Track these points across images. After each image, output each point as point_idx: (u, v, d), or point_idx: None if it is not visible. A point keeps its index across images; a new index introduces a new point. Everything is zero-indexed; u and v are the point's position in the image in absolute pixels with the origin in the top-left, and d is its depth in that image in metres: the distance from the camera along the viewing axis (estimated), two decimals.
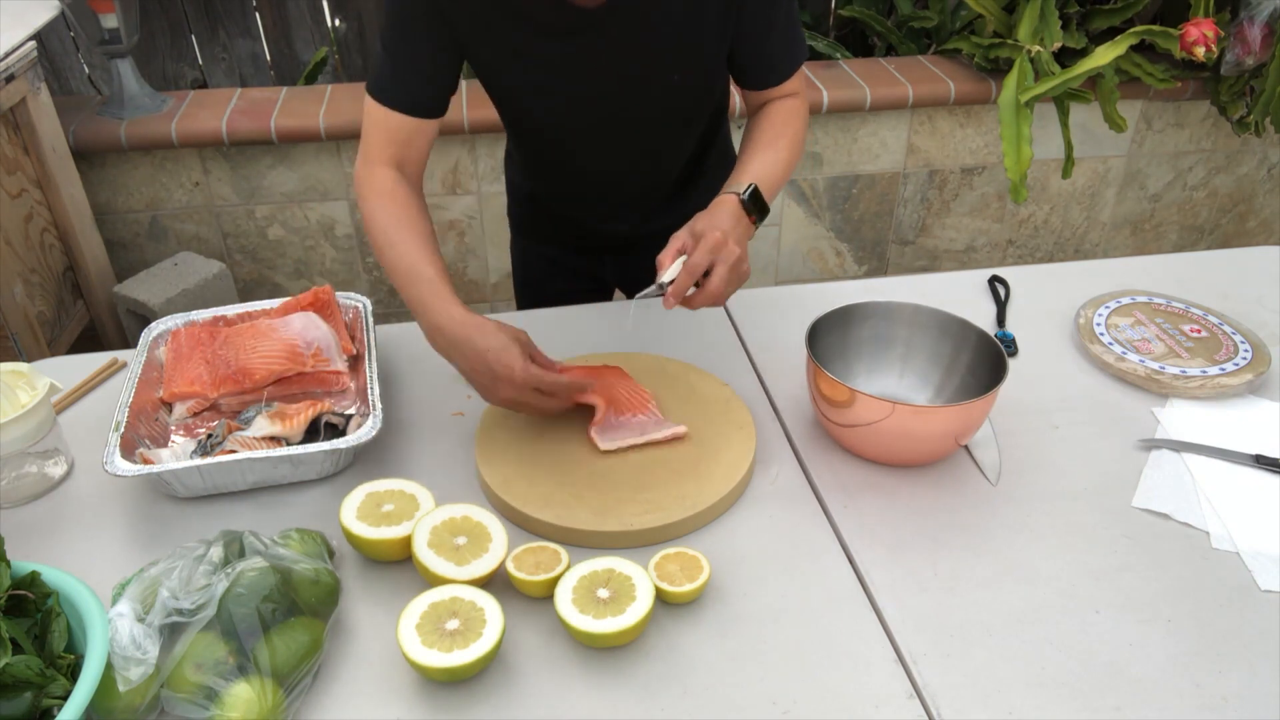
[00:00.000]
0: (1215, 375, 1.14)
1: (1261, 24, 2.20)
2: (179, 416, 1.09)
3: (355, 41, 2.62)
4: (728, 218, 1.03)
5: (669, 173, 1.30)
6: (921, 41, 2.65)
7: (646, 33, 1.07)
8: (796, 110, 1.17)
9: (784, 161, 1.13)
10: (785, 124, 1.15)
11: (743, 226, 1.05)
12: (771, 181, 1.10)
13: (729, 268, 0.99)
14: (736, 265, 1.00)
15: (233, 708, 0.72)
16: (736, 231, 1.03)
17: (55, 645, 0.73)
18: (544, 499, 0.96)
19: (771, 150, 1.13)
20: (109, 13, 2.12)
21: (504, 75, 1.13)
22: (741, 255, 1.01)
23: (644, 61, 1.10)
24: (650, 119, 1.19)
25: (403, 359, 1.22)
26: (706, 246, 0.99)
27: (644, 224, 1.35)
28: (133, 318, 2.16)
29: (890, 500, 0.99)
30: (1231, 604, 0.88)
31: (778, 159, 1.12)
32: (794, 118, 1.17)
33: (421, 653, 0.77)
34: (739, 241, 1.01)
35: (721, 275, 0.99)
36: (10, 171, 1.86)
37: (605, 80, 1.12)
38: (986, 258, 2.78)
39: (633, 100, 1.15)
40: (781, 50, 1.14)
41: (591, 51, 1.08)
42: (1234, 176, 2.75)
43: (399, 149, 1.10)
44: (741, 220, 1.05)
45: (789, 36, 1.14)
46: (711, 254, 0.99)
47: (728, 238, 0.99)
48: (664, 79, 1.13)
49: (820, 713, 0.78)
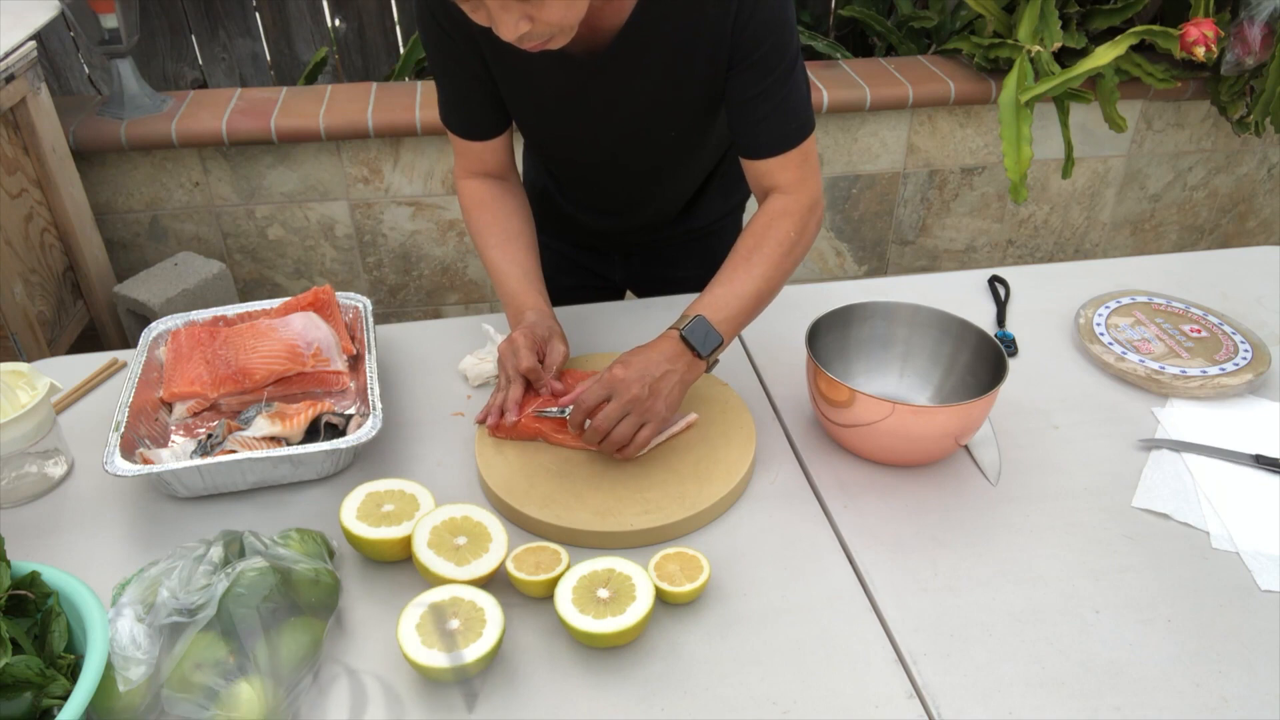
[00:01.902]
0: (1215, 375, 1.14)
1: (1261, 24, 2.20)
2: (179, 416, 1.09)
3: (355, 41, 2.62)
4: (656, 358, 0.98)
5: (676, 200, 1.31)
6: (921, 41, 2.65)
7: (640, 86, 1.07)
8: (785, 212, 1.06)
9: (757, 278, 1.03)
10: (766, 231, 1.05)
11: (681, 364, 0.99)
12: (734, 307, 1.02)
13: (620, 404, 0.95)
14: (633, 403, 0.96)
15: (233, 708, 0.72)
16: (662, 370, 0.98)
17: (55, 645, 0.73)
18: (544, 499, 0.96)
19: (744, 268, 1.04)
20: (109, 13, 2.12)
21: (513, 105, 1.15)
22: (639, 395, 0.96)
23: (640, 112, 1.10)
24: (652, 164, 1.21)
25: (403, 359, 1.22)
26: (603, 383, 0.97)
27: (655, 232, 1.35)
28: (133, 318, 2.16)
29: (890, 500, 0.99)
30: (1231, 604, 0.88)
31: (749, 276, 1.03)
32: (779, 223, 1.05)
33: (421, 653, 0.77)
34: (656, 381, 0.97)
35: (608, 412, 0.96)
36: (10, 171, 1.86)
37: (606, 125, 1.12)
38: (986, 258, 2.78)
39: (635, 146, 1.16)
40: (771, 123, 1.05)
41: (590, 99, 1.09)
42: (1234, 176, 2.75)
43: (476, 163, 1.19)
44: (680, 357, 0.99)
45: (781, 111, 1.04)
46: (606, 389, 0.97)
47: (631, 379, 0.96)
48: (662, 131, 1.13)
49: (820, 713, 0.78)
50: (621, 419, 0.96)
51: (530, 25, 0.86)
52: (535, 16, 0.85)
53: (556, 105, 1.11)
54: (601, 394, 0.97)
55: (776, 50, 1.01)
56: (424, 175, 2.35)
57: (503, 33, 0.86)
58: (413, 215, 2.41)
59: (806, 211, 1.08)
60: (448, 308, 2.58)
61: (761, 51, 1.01)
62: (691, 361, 1.00)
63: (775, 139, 1.06)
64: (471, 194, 1.19)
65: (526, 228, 1.19)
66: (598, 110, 1.10)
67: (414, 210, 2.40)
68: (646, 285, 1.44)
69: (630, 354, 1.00)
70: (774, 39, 1.01)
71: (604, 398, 0.97)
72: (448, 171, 2.36)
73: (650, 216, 1.32)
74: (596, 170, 1.23)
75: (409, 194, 2.38)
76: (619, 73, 1.05)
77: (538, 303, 1.12)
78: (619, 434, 0.96)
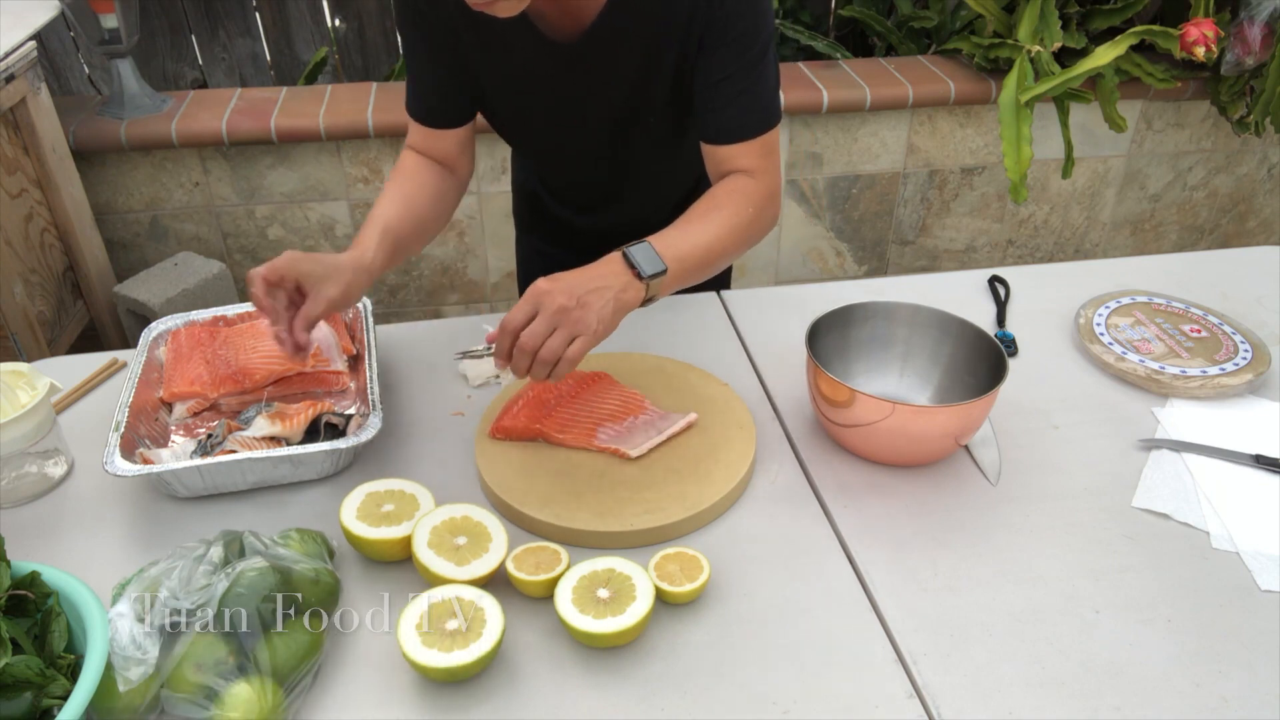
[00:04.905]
0: (1215, 375, 1.14)
1: (1261, 24, 2.20)
2: (179, 416, 1.09)
3: (355, 41, 2.62)
4: (589, 273, 0.92)
5: (662, 199, 1.31)
6: (921, 41, 2.65)
7: (619, 71, 1.06)
8: (745, 190, 1.04)
9: (711, 234, 1.01)
10: (726, 197, 1.04)
11: (617, 281, 0.92)
12: (683, 248, 0.98)
13: (546, 317, 0.87)
14: (559, 315, 0.88)
15: (233, 708, 0.72)
16: (594, 285, 0.91)
17: (55, 645, 0.73)
18: (544, 499, 0.96)
19: (699, 222, 1.02)
20: (109, 13, 2.12)
21: (489, 98, 1.15)
22: (565, 304, 0.88)
23: (620, 99, 1.10)
24: (633, 155, 1.20)
25: (403, 359, 1.22)
26: (527, 298, 0.89)
27: (644, 233, 1.35)
28: (133, 318, 2.16)
29: (890, 500, 0.99)
30: (1231, 604, 0.88)
31: (704, 230, 1.01)
32: (738, 196, 1.03)
33: (421, 653, 0.77)
34: (586, 294, 0.90)
35: (533, 328, 0.87)
36: (10, 171, 1.86)
37: (586, 112, 1.12)
38: (986, 258, 2.78)
39: (615, 134, 1.16)
40: (733, 109, 1.03)
41: (570, 86, 1.09)
42: (1234, 176, 2.75)
43: (424, 145, 1.17)
44: (618, 275, 0.93)
45: (749, 97, 1.03)
46: (531, 305, 0.88)
47: (557, 290, 0.89)
48: (642, 118, 1.12)
49: (820, 713, 0.78)
50: (550, 334, 0.88)
51: None
52: None
53: (536, 93, 1.11)
54: (527, 311, 0.88)
55: (750, 33, 1.00)
56: None
57: None
58: None
59: (765, 199, 1.06)
60: (448, 308, 2.58)
61: (736, 32, 1.00)
62: (630, 281, 0.93)
63: (739, 125, 1.04)
64: (408, 161, 1.15)
65: (429, 210, 1.12)
66: (578, 97, 1.09)
67: None
68: None
69: (562, 272, 0.92)
70: (748, 21, 1.00)
71: (530, 315, 0.88)
72: None
73: (635, 213, 1.31)
74: (579, 162, 1.22)
75: None
76: (598, 58, 1.04)
77: (366, 248, 1.01)
78: (548, 349, 0.87)
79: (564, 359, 0.89)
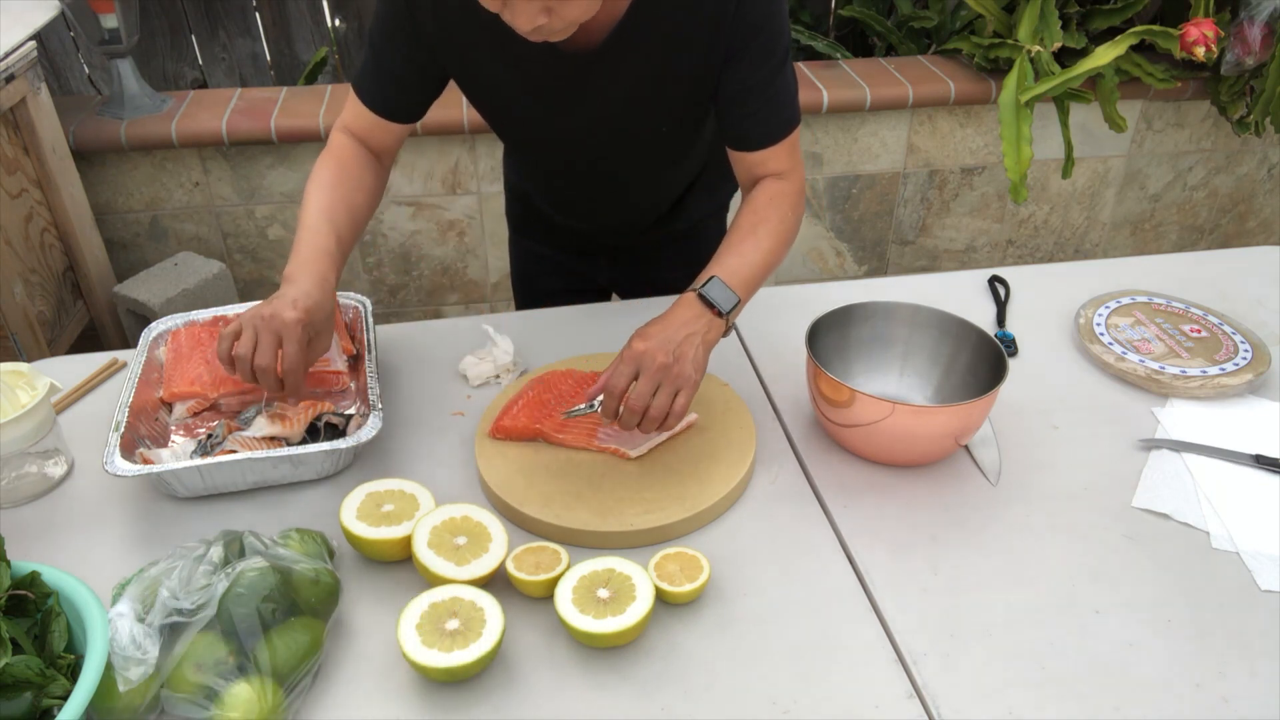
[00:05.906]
0: (1215, 375, 1.14)
1: (1261, 24, 2.20)
2: (179, 416, 1.09)
3: (355, 41, 2.62)
4: (675, 323, 0.96)
5: (660, 202, 1.31)
6: (921, 41, 2.65)
7: (630, 82, 1.06)
8: (783, 194, 1.08)
9: (764, 250, 1.04)
10: (768, 208, 1.06)
11: (701, 324, 0.97)
12: (746, 273, 1.02)
13: (649, 378, 0.92)
14: (660, 373, 0.93)
15: (233, 708, 0.72)
16: (683, 334, 0.95)
17: (55, 645, 0.73)
18: (544, 499, 0.96)
19: (750, 239, 1.04)
20: (109, 13, 2.12)
21: (494, 105, 1.15)
22: (665, 363, 0.93)
23: (628, 109, 1.10)
24: (637, 164, 1.20)
25: (403, 359, 1.22)
26: (626, 360, 0.94)
27: (638, 234, 1.35)
28: (133, 318, 2.16)
29: (890, 500, 0.99)
30: (1231, 604, 0.88)
31: (757, 247, 1.04)
32: (778, 202, 1.07)
33: (421, 653, 0.77)
34: (679, 346, 0.94)
35: (639, 390, 0.92)
36: (10, 171, 1.86)
37: (594, 122, 1.12)
38: (986, 258, 2.78)
39: (621, 144, 1.16)
40: (761, 116, 1.06)
41: (578, 96, 1.08)
42: (1234, 176, 2.75)
43: (363, 131, 1.14)
44: (699, 318, 0.97)
45: (774, 103, 1.05)
46: (632, 366, 0.93)
47: (654, 349, 0.93)
48: (651, 128, 1.13)
49: (820, 713, 0.78)
50: (654, 393, 0.93)
51: (548, 19, 0.86)
52: (555, 10, 0.86)
53: (548, 102, 1.10)
54: (629, 372, 0.93)
55: (772, 41, 1.02)
56: (424, 175, 2.35)
57: (519, 22, 0.87)
58: (413, 215, 2.41)
59: (798, 196, 1.10)
60: (448, 308, 2.58)
61: (759, 42, 1.01)
62: (711, 321, 0.98)
63: (767, 130, 1.07)
64: (339, 145, 1.13)
65: (365, 202, 1.12)
66: (585, 107, 1.09)
67: (414, 210, 2.40)
68: (631, 287, 1.44)
69: (647, 326, 0.97)
70: (770, 29, 1.01)
71: (631, 376, 0.94)
72: (448, 171, 2.36)
73: (632, 217, 1.32)
74: (580, 169, 1.22)
75: (409, 194, 2.38)
76: (609, 69, 1.04)
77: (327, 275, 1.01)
78: (656, 408, 0.93)
79: (671, 413, 0.94)
